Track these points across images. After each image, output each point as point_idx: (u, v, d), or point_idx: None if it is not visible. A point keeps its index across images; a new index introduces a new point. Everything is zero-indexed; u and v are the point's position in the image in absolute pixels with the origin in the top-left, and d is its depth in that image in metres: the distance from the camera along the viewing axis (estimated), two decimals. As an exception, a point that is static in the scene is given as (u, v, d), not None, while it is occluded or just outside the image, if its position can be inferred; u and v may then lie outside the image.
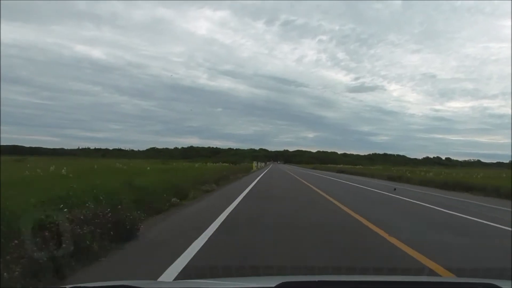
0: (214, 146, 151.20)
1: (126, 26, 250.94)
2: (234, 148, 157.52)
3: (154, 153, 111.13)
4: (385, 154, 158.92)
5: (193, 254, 4.69)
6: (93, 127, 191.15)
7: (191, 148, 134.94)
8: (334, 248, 5.47)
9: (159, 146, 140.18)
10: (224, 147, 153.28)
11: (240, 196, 12.70)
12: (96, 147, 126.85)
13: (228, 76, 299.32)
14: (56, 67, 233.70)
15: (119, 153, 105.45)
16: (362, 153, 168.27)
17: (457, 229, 7.84)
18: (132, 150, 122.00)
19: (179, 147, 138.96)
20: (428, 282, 2.10)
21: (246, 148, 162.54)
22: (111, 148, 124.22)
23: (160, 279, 3.68)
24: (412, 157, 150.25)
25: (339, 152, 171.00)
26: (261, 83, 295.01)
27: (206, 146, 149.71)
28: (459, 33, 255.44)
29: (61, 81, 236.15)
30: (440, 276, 4.07)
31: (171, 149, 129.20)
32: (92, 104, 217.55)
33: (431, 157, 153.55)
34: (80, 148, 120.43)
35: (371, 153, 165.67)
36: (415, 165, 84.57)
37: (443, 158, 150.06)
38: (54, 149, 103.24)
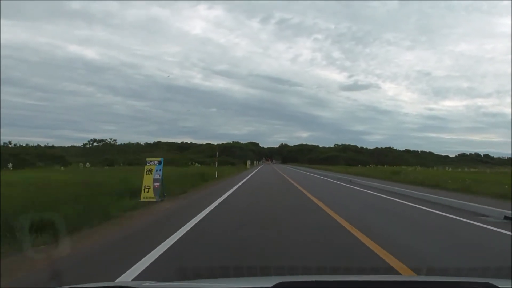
0: (189, 142, 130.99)
1: (120, 26, 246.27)
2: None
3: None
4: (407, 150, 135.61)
5: None
6: (87, 128, 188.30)
7: (158, 143, 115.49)
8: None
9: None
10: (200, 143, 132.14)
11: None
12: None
13: (222, 76, 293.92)
14: (49, 68, 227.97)
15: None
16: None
17: None
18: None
19: (143, 143, 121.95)
20: (426, 282, 2.06)
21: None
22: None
23: None
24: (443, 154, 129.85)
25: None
26: (255, 83, 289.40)
27: (173, 141, 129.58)
28: (455, 31, 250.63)
29: (54, 81, 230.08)
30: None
31: (133, 144, 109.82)
32: (85, 104, 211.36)
33: (467, 153, 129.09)
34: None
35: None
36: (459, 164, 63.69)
37: (482, 154, 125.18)
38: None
